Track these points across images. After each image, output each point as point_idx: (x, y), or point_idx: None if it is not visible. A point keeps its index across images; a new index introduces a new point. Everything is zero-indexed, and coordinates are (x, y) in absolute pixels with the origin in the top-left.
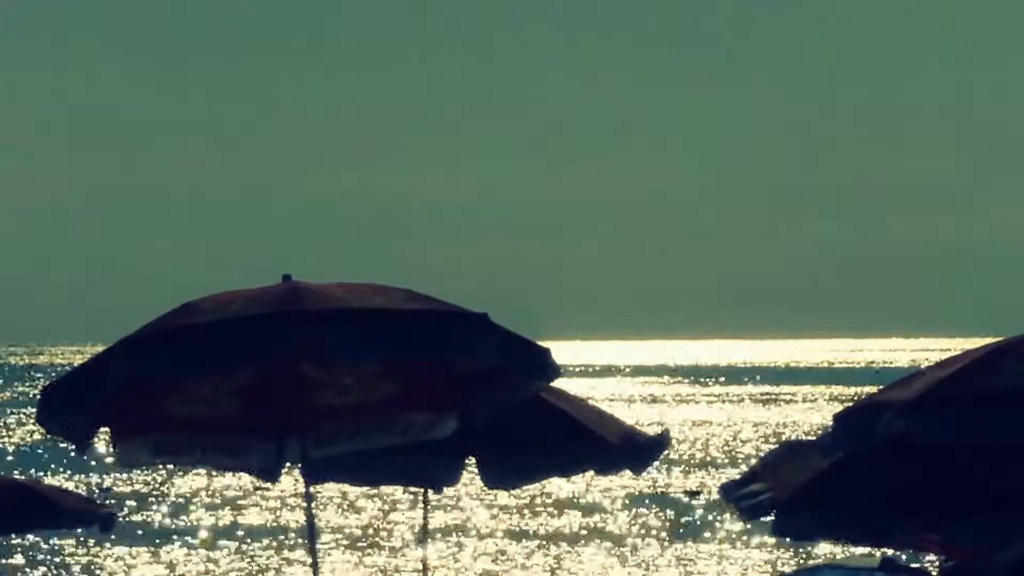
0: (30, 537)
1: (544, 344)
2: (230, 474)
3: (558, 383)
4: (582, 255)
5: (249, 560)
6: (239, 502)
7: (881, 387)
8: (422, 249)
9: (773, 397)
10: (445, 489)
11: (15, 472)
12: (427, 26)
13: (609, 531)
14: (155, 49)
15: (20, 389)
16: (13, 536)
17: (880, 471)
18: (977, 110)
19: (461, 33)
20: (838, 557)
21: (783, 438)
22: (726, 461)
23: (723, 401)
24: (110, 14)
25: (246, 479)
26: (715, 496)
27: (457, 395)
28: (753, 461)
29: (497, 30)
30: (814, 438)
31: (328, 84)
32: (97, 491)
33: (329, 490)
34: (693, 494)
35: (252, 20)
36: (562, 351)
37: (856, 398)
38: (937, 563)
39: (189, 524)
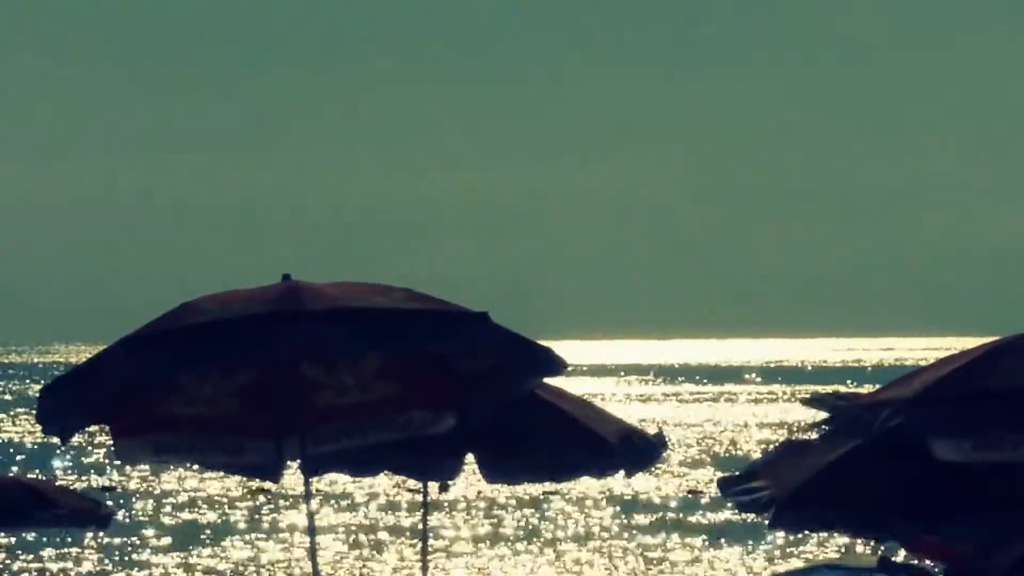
0: (30, 535)
1: (544, 344)
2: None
3: (558, 382)
4: (582, 255)
5: (250, 558)
6: (239, 500)
7: (880, 386)
8: (423, 249)
9: (773, 397)
10: (446, 486)
11: (15, 471)
12: (426, 27)
13: (609, 531)
14: (156, 50)
15: (20, 389)
16: (13, 534)
17: (879, 470)
18: (977, 110)
19: (461, 35)
20: (836, 557)
21: (783, 438)
22: (725, 461)
23: (722, 401)
24: (110, 14)
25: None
26: (715, 496)
27: (457, 394)
28: (753, 460)
29: (498, 32)
30: (813, 437)
31: (328, 85)
32: (99, 490)
33: (330, 489)
34: (693, 494)
35: (253, 21)
36: (562, 351)
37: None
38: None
39: (188, 522)
